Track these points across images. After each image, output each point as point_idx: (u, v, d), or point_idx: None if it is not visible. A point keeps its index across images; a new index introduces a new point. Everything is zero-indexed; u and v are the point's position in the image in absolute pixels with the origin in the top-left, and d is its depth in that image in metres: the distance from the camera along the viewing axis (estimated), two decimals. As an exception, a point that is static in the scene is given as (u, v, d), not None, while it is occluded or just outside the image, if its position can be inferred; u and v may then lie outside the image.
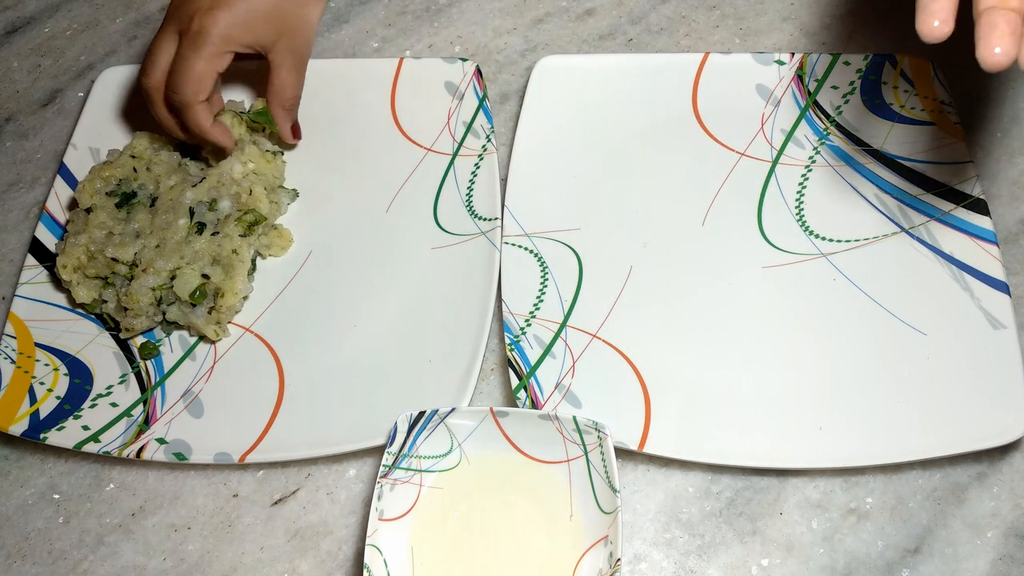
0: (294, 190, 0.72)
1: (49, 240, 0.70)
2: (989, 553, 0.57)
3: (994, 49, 0.42)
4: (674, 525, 0.59)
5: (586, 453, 0.56)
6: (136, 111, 0.75)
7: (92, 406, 0.63)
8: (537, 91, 0.72)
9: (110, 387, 0.64)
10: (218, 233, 0.66)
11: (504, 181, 0.69)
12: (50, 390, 0.63)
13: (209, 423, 0.62)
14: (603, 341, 0.63)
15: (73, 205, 0.69)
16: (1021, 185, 0.69)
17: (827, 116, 0.71)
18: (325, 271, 0.68)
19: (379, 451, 0.58)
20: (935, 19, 0.43)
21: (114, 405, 0.63)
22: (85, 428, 0.62)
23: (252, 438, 0.61)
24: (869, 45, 0.76)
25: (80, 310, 0.67)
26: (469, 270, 0.65)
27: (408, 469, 0.56)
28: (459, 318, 0.63)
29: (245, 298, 0.67)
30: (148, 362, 0.65)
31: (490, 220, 0.67)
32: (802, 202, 0.68)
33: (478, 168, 0.70)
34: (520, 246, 0.66)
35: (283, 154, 0.73)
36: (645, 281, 0.65)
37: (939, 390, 0.59)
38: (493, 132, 0.70)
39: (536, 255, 0.66)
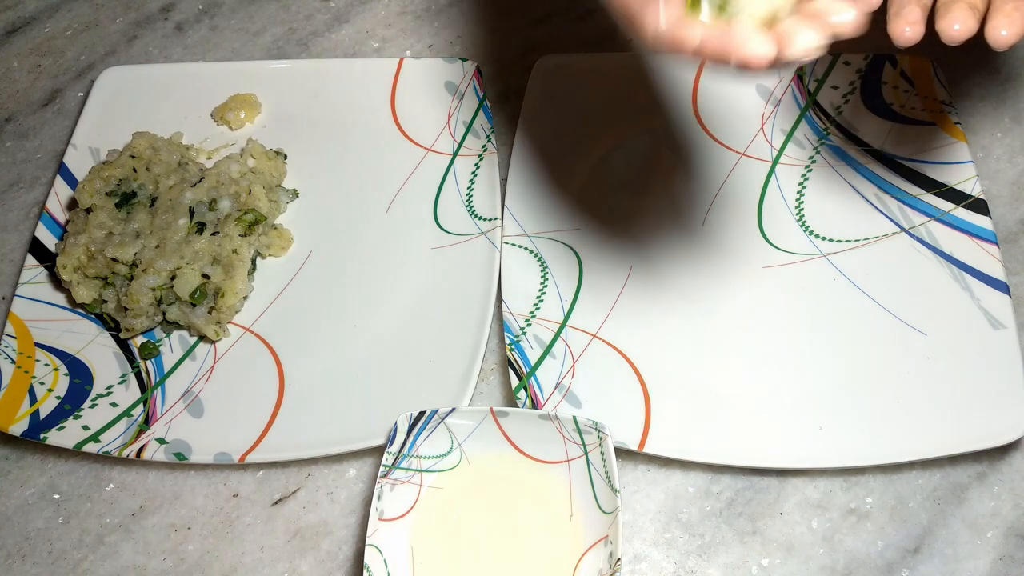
0: (294, 190, 0.72)
1: (49, 240, 0.70)
2: (989, 553, 0.57)
3: (953, 26, 0.44)
4: (674, 525, 0.59)
5: (586, 453, 0.56)
6: (136, 111, 0.75)
7: (92, 406, 0.63)
8: (537, 91, 0.72)
9: (110, 387, 0.64)
10: (218, 233, 0.66)
11: (504, 181, 0.69)
12: (50, 390, 0.63)
13: (209, 423, 0.62)
14: (603, 341, 0.63)
15: (73, 205, 0.69)
16: (1021, 185, 0.69)
17: (827, 116, 0.71)
18: (325, 271, 0.68)
19: (379, 451, 0.58)
20: (906, 25, 0.45)
21: (114, 405, 0.63)
22: (85, 428, 0.62)
23: (252, 438, 0.61)
24: (869, 45, 0.76)
25: (80, 310, 0.67)
26: (469, 270, 0.65)
27: (408, 469, 0.56)
28: (459, 318, 0.63)
29: (245, 298, 0.67)
30: (148, 362, 0.65)
31: (490, 220, 0.67)
32: (802, 202, 0.68)
33: (478, 168, 0.70)
34: (520, 246, 0.66)
35: (285, 157, 0.73)
36: (645, 281, 0.65)
37: (939, 390, 0.59)
38: (493, 132, 0.70)
39: (536, 255, 0.66)
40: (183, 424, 0.62)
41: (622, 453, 0.60)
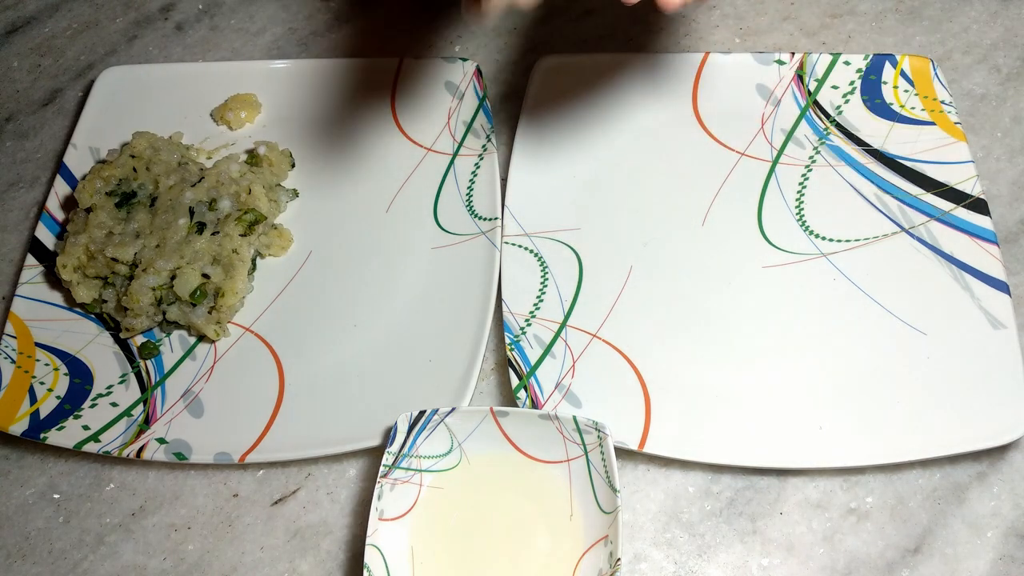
0: (294, 190, 0.72)
1: (49, 240, 0.70)
2: (989, 553, 0.57)
3: None
4: (674, 525, 0.59)
5: (586, 453, 0.56)
6: (136, 111, 0.75)
7: (92, 406, 0.63)
8: (537, 91, 0.72)
9: (110, 387, 0.64)
10: (218, 233, 0.66)
11: (504, 181, 0.69)
12: (50, 390, 0.63)
13: (209, 423, 0.62)
14: (603, 341, 0.63)
15: (73, 205, 0.69)
16: (1021, 185, 0.69)
17: (827, 116, 0.71)
18: (325, 271, 0.68)
19: (379, 451, 0.58)
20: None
21: (114, 405, 0.63)
22: (85, 428, 0.62)
23: (252, 438, 0.61)
24: (869, 45, 0.76)
25: (80, 310, 0.67)
26: (469, 270, 0.65)
27: (408, 469, 0.57)
28: (459, 318, 0.63)
29: (244, 298, 0.67)
30: (148, 362, 0.65)
31: (490, 220, 0.67)
32: (802, 202, 0.68)
33: (478, 168, 0.70)
34: (520, 246, 0.66)
35: (292, 156, 0.73)
36: (645, 281, 0.65)
37: (939, 390, 0.59)
38: (493, 132, 0.71)
39: (536, 255, 0.66)
40: (183, 424, 0.62)
41: (622, 453, 0.60)
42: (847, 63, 0.71)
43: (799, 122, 0.71)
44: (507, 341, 0.62)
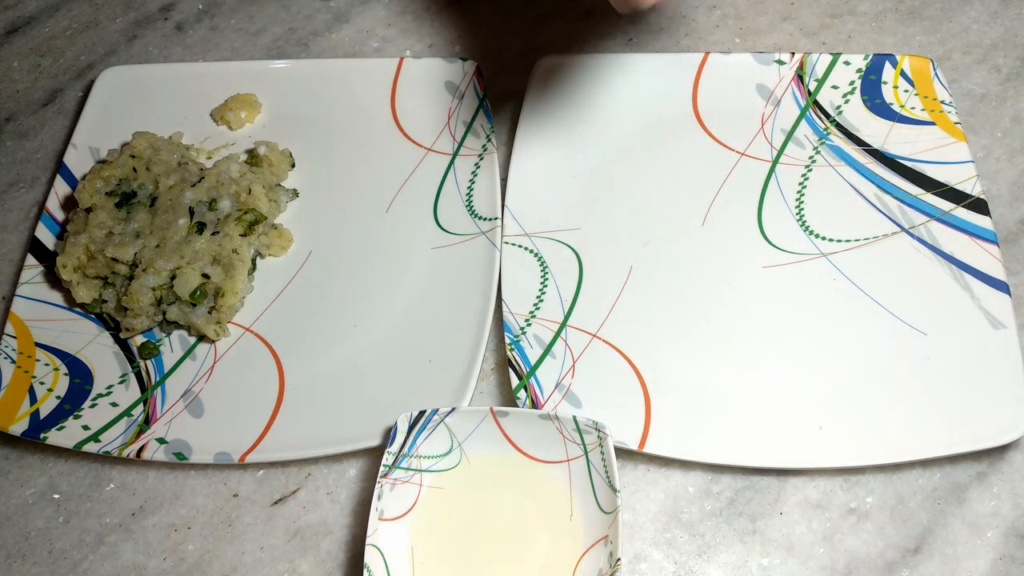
0: (294, 190, 0.72)
1: (49, 240, 0.70)
2: (989, 553, 0.57)
3: None
4: (674, 525, 0.59)
5: (586, 453, 0.56)
6: (136, 111, 0.75)
7: (92, 406, 0.63)
8: (537, 91, 0.72)
9: (110, 387, 0.64)
10: (218, 233, 0.66)
11: (504, 181, 0.69)
12: (50, 390, 0.63)
13: (209, 423, 0.62)
14: (603, 341, 0.63)
15: (73, 205, 0.69)
16: (1021, 185, 0.69)
17: (827, 116, 0.71)
18: (325, 271, 0.68)
19: (379, 451, 0.58)
20: None
21: (114, 405, 0.63)
22: (85, 428, 0.62)
23: (252, 438, 0.61)
24: (869, 45, 0.76)
25: (80, 310, 0.67)
26: (469, 270, 0.65)
27: (408, 469, 0.57)
28: (459, 318, 0.63)
29: (244, 298, 0.67)
30: (148, 362, 0.65)
31: (490, 220, 0.67)
32: (802, 202, 0.68)
33: (478, 168, 0.70)
34: (520, 246, 0.66)
35: (292, 156, 0.73)
36: (645, 281, 0.65)
37: (939, 390, 0.59)
38: (493, 132, 0.71)
39: (536, 255, 0.66)
40: (183, 424, 0.62)
41: (622, 453, 0.60)
42: (847, 63, 0.71)
43: (799, 122, 0.71)
44: (507, 341, 0.62)
